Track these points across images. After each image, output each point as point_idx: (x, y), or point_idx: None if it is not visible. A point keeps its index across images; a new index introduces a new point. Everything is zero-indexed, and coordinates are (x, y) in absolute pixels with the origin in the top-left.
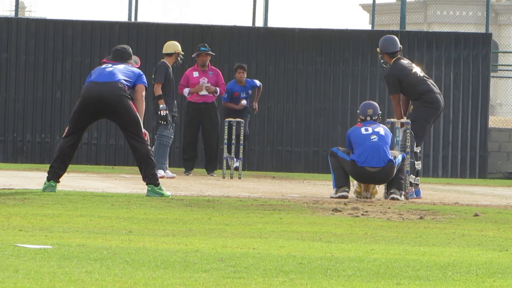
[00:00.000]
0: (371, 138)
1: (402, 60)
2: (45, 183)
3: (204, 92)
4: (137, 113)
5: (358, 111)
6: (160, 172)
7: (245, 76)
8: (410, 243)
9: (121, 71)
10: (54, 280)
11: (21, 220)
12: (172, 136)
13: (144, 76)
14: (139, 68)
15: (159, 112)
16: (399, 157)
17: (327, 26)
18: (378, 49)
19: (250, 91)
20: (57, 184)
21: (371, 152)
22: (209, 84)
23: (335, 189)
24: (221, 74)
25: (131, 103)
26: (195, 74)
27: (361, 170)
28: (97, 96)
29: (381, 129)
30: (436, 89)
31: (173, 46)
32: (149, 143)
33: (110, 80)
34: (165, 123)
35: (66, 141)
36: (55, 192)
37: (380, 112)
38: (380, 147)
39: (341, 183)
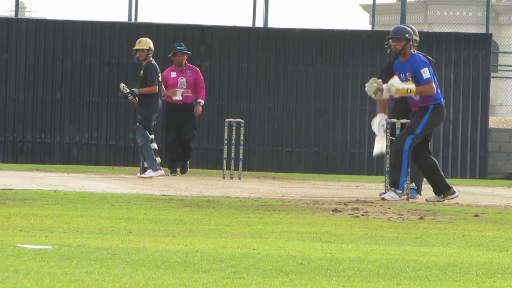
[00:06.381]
0: None
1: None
2: None
3: (178, 97)
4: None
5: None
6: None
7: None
8: (410, 244)
9: None
10: (54, 280)
11: (21, 221)
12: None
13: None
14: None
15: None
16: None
17: (327, 26)
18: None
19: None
20: None
21: None
22: (182, 89)
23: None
24: (200, 72)
25: None
26: (173, 74)
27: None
28: None
29: None
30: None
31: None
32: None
33: None
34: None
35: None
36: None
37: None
38: None
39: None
